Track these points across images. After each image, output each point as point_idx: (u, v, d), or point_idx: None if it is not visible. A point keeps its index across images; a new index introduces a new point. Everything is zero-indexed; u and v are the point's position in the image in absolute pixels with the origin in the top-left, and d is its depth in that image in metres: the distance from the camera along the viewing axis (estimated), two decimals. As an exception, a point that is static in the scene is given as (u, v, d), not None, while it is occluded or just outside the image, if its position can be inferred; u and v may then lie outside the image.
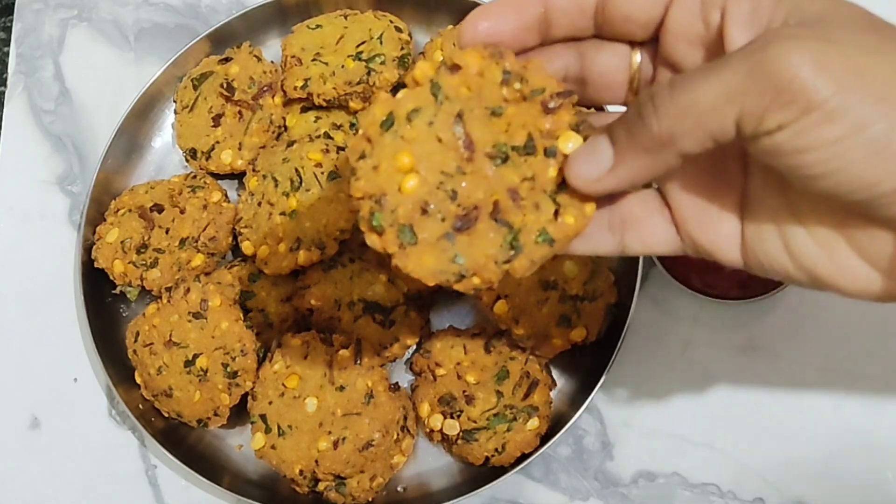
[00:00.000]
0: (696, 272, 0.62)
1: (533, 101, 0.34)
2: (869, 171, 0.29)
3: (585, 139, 0.35)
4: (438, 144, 0.33)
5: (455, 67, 0.34)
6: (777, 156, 0.30)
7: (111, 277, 0.68)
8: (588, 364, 0.66)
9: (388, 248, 0.34)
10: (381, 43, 0.70)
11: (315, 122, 0.71)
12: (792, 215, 0.34)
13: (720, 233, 0.36)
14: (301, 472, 0.60)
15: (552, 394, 0.63)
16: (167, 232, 0.68)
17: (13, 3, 0.82)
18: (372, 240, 0.34)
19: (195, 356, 0.63)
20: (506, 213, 0.34)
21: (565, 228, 0.34)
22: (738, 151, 0.36)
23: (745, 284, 0.61)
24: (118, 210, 0.70)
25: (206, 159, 0.71)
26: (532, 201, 0.34)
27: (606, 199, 0.37)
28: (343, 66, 0.69)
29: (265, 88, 0.71)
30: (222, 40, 0.74)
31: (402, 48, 0.70)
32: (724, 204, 0.36)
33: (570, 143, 0.34)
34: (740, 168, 0.36)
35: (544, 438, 0.61)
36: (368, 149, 0.33)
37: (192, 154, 0.72)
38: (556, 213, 0.34)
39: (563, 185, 0.35)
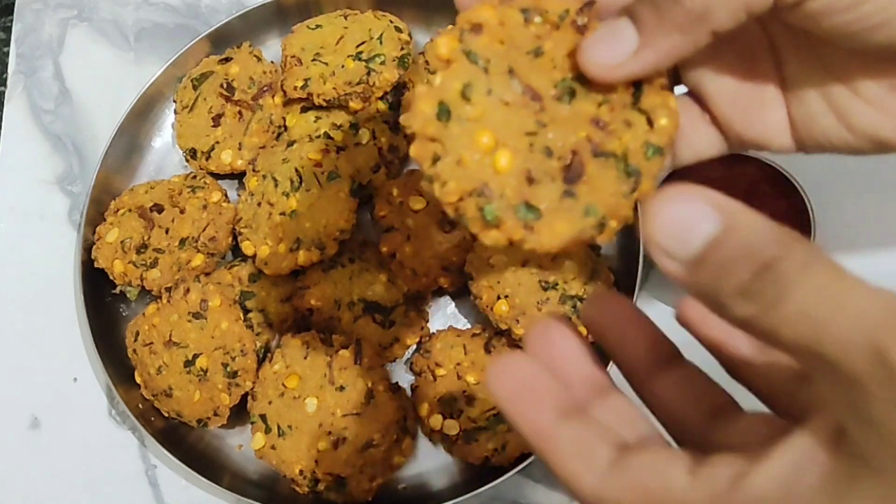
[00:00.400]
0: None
1: (563, 26, 0.32)
2: None
3: None
4: (507, 109, 0.30)
5: (477, 28, 0.31)
6: (829, 14, 0.28)
7: (111, 277, 0.68)
8: (588, 364, 0.66)
9: (513, 236, 0.30)
10: (381, 43, 0.70)
11: (315, 122, 0.71)
12: (840, 83, 0.33)
13: (767, 122, 0.35)
14: (301, 472, 0.60)
15: (552, 394, 0.63)
16: (167, 232, 0.68)
17: (13, 3, 0.82)
18: (491, 236, 0.30)
19: (195, 356, 0.63)
20: (603, 145, 0.31)
21: (665, 131, 0.32)
22: (764, 39, 0.35)
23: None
24: (118, 210, 0.69)
25: (206, 159, 0.71)
26: (620, 121, 0.32)
27: None
28: (343, 66, 0.69)
29: (265, 88, 0.71)
30: (222, 40, 0.74)
31: (402, 48, 0.70)
32: (765, 92, 0.35)
33: None
34: (771, 55, 0.35)
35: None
36: (439, 147, 0.29)
37: (192, 154, 0.72)
38: (649, 122, 0.32)
39: (637, 93, 0.32)
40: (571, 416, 0.25)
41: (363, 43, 0.70)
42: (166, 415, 0.66)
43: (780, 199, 0.62)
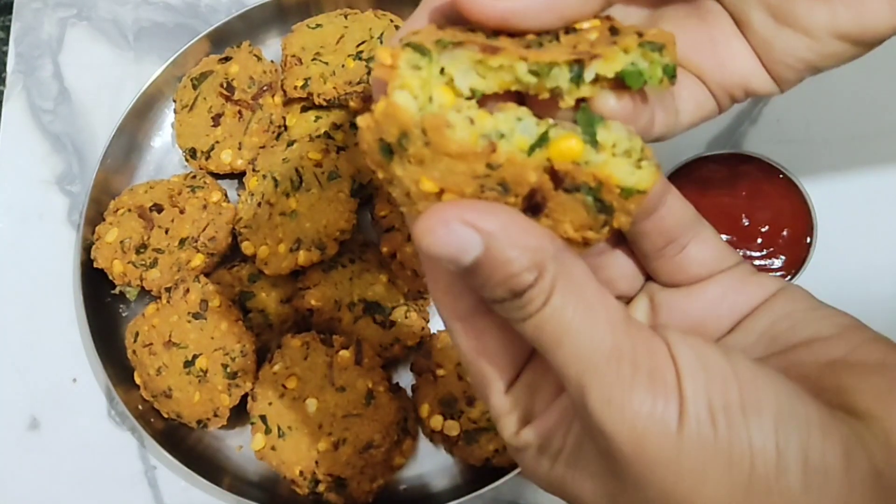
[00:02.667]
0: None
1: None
2: None
3: None
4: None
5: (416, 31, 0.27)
6: None
7: (111, 277, 0.68)
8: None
9: None
10: (381, 42, 0.70)
11: (315, 121, 0.71)
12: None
13: (738, 62, 0.35)
14: (301, 473, 0.60)
15: (553, 394, 0.63)
16: (167, 232, 0.68)
17: (12, 3, 0.82)
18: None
19: (195, 357, 0.63)
20: (571, 179, 0.27)
21: (663, 34, 0.28)
22: None
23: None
24: (117, 210, 0.69)
25: (206, 159, 0.71)
26: (606, 43, 0.27)
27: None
28: (343, 66, 0.69)
29: (265, 88, 0.71)
30: (222, 40, 0.74)
31: (403, 48, 0.70)
32: (723, 30, 0.35)
33: (586, 22, 0.29)
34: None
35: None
36: (387, 177, 0.27)
37: (191, 154, 0.72)
38: (640, 34, 0.28)
39: (614, 34, 0.28)
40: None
41: (363, 42, 0.70)
42: (166, 416, 0.66)
43: (781, 199, 0.62)
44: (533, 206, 0.27)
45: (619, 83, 0.27)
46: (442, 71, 0.26)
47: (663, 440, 0.24)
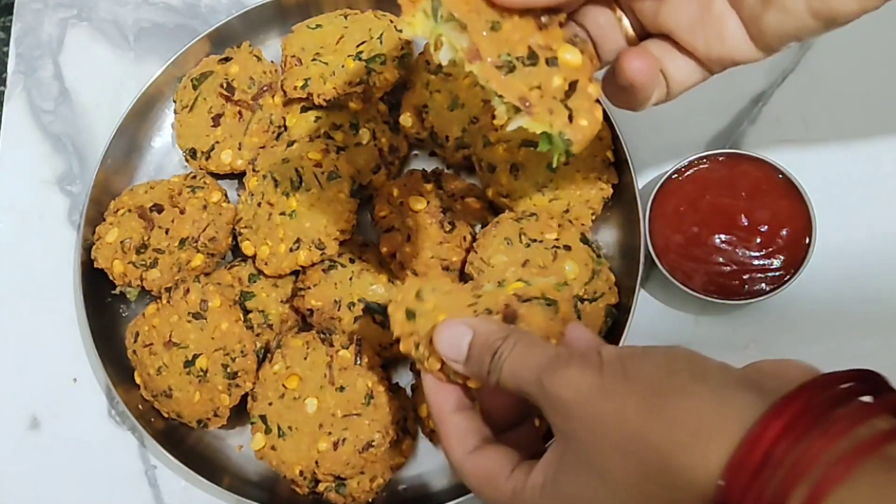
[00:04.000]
0: (697, 272, 0.61)
1: (526, 18, 0.37)
2: None
3: (582, 52, 0.38)
4: (451, 294, 0.46)
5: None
6: None
7: (111, 277, 0.68)
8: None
9: None
10: (381, 43, 0.70)
11: (315, 122, 0.71)
12: None
13: (725, 36, 0.42)
14: (301, 472, 0.60)
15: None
16: (167, 232, 0.68)
17: (12, 3, 0.82)
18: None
19: (195, 357, 0.63)
20: (526, 293, 0.43)
21: (581, 130, 0.37)
22: None
23: (745, 286, 0.61)
24: (118, 210, 0.69)
25: (206, 159, 0.71)
26: (545, 108, 0.37)
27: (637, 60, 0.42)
28: (343, 66, 0.69)
29: (265, 88, 0.71)
30: (222, 40, 0.74)
31: (403, 48, 0.70)
32: (717, 7, 0.41)
33: (568, 54, 0.38)
34: None
35: (545, 438, 0.61)
36: (416, 336, 0.46)
37: (191, 154, 0.72)
38: (570, 118, 0.37)
39: (570, 92, 0.37)
40: (464, 412, 0.44)
41: (363, 43, 0.70)
42: (166, 415, 0.66)
43: (780, 199, 0.62)
44: (508, 318, 0.43)
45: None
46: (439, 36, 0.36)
47: (591, 382, 0.36)
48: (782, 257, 0.61)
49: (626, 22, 0.44)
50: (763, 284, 0.61)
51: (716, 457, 0.31)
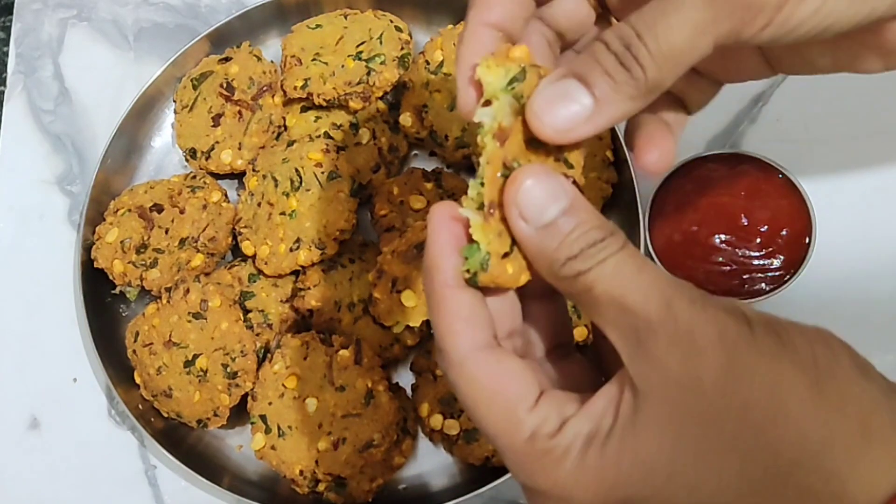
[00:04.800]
0: (697, 272, 0.61)
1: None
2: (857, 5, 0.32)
3: None
4: None
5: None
6: (773, 42, 0.32)
7: (111, 277, 0.68)
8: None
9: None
10: (381, 43, 0.70)
11: (315, 122, 0.71)
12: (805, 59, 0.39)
13: (747, 68, 0.40)
14: (301, 472, 0.60)
15: (552, 394, 0.63)
16: (167, 232, 0.68)
17: (12, 3, 0.82)
18: None
19: (195, 356, 0.63)
20: None
21: (502, 272, 0.32)
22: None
23: (745, 285, 0.61)
24: (118, 210, 0.69)
25: (206, 159, 0.71)
26: (496, 229, 0.33)
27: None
28: (343, 66, 0.69)
29: (265, 88, 0.71)
30: (222, 40, 0.74)
31: (402, 48, 0.70)
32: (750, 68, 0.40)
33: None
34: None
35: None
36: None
37: (191, 154, 0.72)
38: (505, 255, 0.32)
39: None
40: (473, 291, 0.31)
41: (363, 43, 0.70)
42: (166, 415, 0.66)
43: (780, 199, 0.62)
44: None
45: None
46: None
47: (740, 329, 0.28)
48: (782, 257, 0.61)
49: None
50: (763, 284, 0.61)
51: (887, 477, 0.26)
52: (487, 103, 0.32)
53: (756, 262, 0.61)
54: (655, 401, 0.28)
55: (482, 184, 0.31)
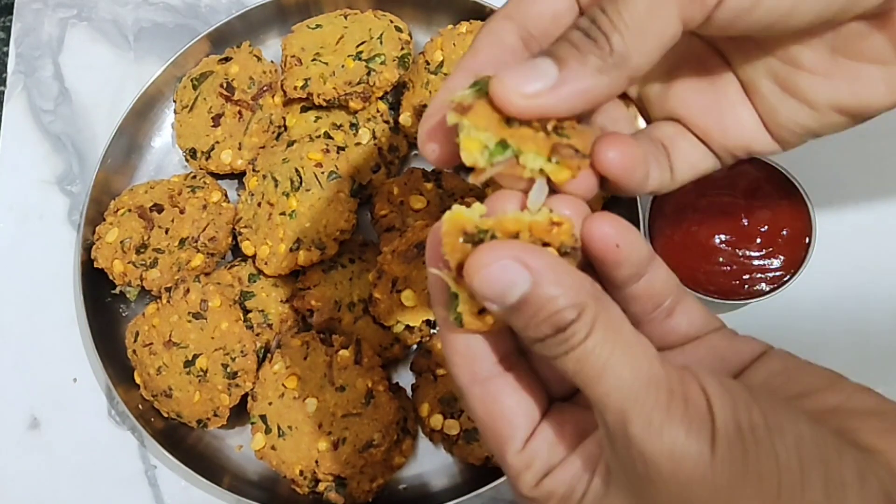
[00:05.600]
0: (697, 272, 0.61)
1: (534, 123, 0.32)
2: None
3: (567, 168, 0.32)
4: None
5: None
6: (739, 19, 0.31)
7: (111, 277, 0.68)
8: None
9: None
10: (381, 43, 0.70)
11: (315, 122, 0.71)
12: (785, 64, 0.35)
13: (741, 125, 0.38)
14: (301, 472, 0.60)
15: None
16: (167, 232, 0.68)
17: (12, 3, 0.82)
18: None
19: (195, 356, 0.63)
20: None
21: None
22: (707, 48, 0.38)
23: (745, 286, 0.61)
24: (118, 210, 0.69)
25: (206, 159, 0.71)
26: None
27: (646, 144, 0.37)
28: (343, 66, 0.69)
29: (265, 88, 0.71)
30: (222, 40, 0.74)
31: (403, 48, 0.70)
32: (728, 97, 0.37)
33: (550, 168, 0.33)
34: (719, 59, 0.38)
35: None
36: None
37: (191, 154, 0.72)
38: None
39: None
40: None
41: (363, 43, 0.70)
42: (166, 415, 0.66)
43: (780, 199, 0.62)
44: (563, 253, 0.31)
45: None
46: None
47: (699, 459, 0.26)
48: (782, 257, 0.61)
49: (635, 112, 0.40)
50: (763, 284, 0.61)
51: None
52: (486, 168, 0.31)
53: (756, 262, 0.61)
54: (621, 492, 0.28)
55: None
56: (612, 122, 0.38)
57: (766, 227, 0.61)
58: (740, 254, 0.61)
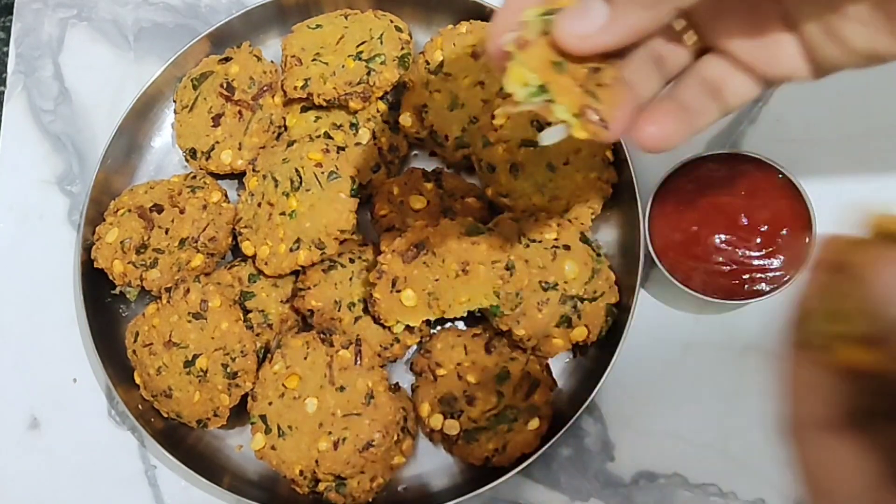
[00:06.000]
0: (697, 272, 0.61)
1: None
2: None
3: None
4: None
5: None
6: None
7: (111, 277, 0.68)
8: (589, 364, 0.65)
9: None
10: (381, 43, 0.70)
11: (315, 122, 0.71)
12: (836, 14, 0.38)
13: (783, 59, 0.41)
14: (301, 472, 0.60)
15: (553, 394, 0.63)
16: (167, 232, 0.68)
17: (12, 3, 0.82)
18: None
19: (195, 356, 0.63)
20: None
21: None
22: None
23: (745, 286, 0.61)
24: (118, 210, 0.69)
25: (206, 159, 0.71)
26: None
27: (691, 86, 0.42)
28: (343, 66, 0.69)
29: (265, 88, 0.71)
30: (222, 40, 0.74)
31: (403, 48, 0.70)
32: (774, 34, 0.40)
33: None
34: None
35: (545, 439, 0.61)
36: None
37: (191, 154, 0.72)
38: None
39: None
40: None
41: (363, 43, 0.70)
42: (166, 415, 0.66)
43: (779, 199, 0.62)
44: None
45: None
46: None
47: None
48: (782, 257, 0.61)
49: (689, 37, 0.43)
50: (763, 284, 0.61)
51: None
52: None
53: (756, 262, 0.61)
54: None
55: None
56: (662, 46, 0.42)
57: (766, 226, 0.61)
58: (740, 254, 0.61)
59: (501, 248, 0.60)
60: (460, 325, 0.67)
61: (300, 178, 0.65)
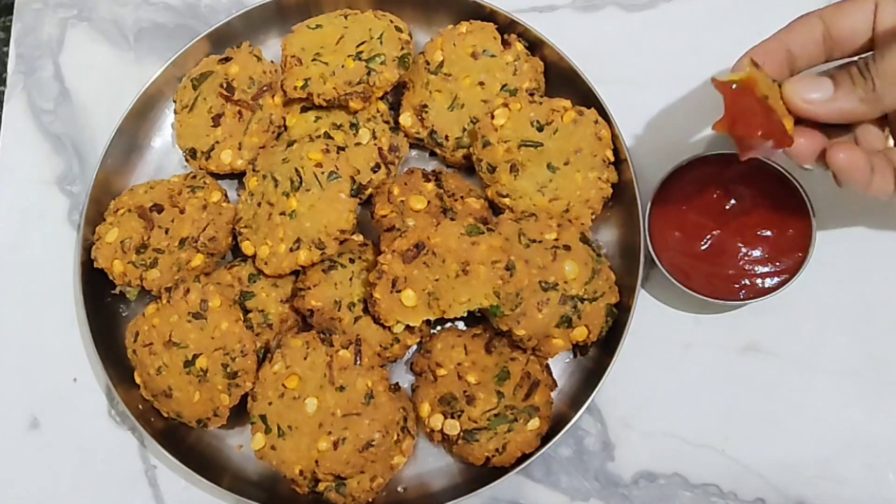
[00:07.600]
0: (697, 272, 0.61)
1: None
2: None
3: None
4: None
5: None
6: None
7: (111, 277, 0.68)
8: (589, 364, 0.66)
9: None
10: (381, 43, 0.70)
11: (315, 122, 0.71)
12: None
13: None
14: (301, 472, 0.60)
15: (553, 394, 0.63)
16: (167, 232, 0.68)
17: (13, 3, 0.82)
18: None
19: (195, 356, 0.63)
20: None
21: None
22: None
23: (745, 286, 0.61)
24: (118, 210, 0.69)
25: (206, 159, 0.71)
26: None
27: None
28: (343, 66, 0.69)
29: (265, 88, 0.71)
30: (222, 40, 0.74)
31: (403, 48, 0.70)
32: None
33: None
34: None
35: (545, 439, 0.61)
36: None
37: (191, 154, 0.72)
38: None
39: None
40: None
41: (363, 43, 0.70)
42: (166, 415, 0.66)
43: (780, 199, 0.62)
44: None
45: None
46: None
47: None
48: (783, 257, 0.61)
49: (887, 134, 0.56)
50: (763, 284, 0.61)
51: None
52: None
53: (756, 262, 0.61)
54: None
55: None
56: (869, 138, 0.54)
57: (766, 227, 0.61)
58: (740, 254, 0.61)
59: (501, 248, 0.60)
60: (460, 325, 0.67)
61: (300, 178, 0.65)
